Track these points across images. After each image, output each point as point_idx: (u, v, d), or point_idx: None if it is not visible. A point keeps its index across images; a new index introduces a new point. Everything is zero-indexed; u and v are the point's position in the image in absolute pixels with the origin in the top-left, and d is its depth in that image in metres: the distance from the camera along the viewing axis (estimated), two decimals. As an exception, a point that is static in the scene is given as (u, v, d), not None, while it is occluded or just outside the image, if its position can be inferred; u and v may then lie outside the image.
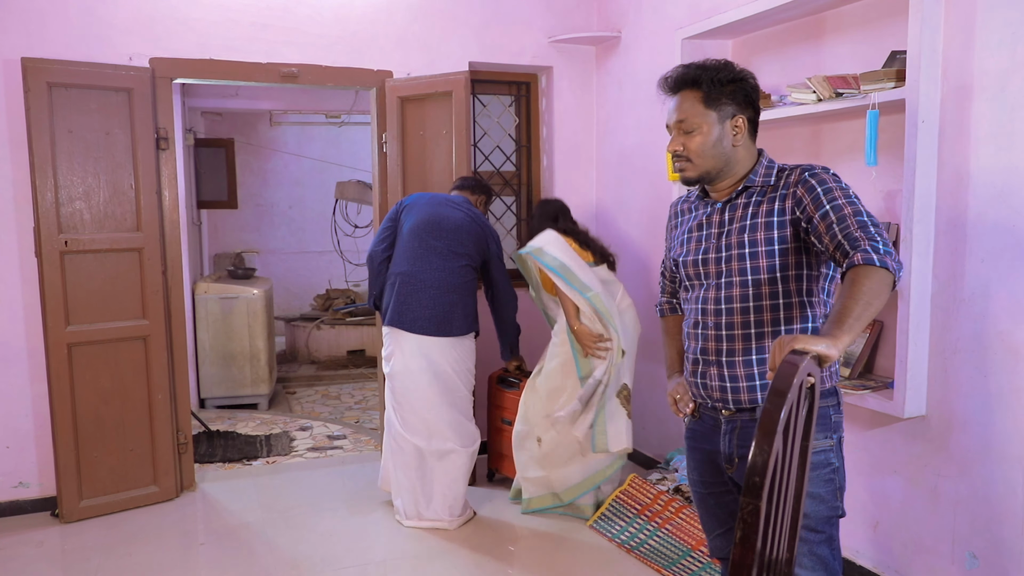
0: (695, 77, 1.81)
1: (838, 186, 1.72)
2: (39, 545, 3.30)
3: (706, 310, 1.89)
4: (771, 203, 1.79)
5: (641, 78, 3.97)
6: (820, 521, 1.81)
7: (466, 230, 3.36)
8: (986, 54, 2.29)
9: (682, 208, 2.04)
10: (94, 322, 3.49)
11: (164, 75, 3.61)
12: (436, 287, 3.29)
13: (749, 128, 1.84)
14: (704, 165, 1.83)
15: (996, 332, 2.30)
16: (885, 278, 1.56)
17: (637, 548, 3.16)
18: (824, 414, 1.80)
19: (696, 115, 1.80)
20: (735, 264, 1.83)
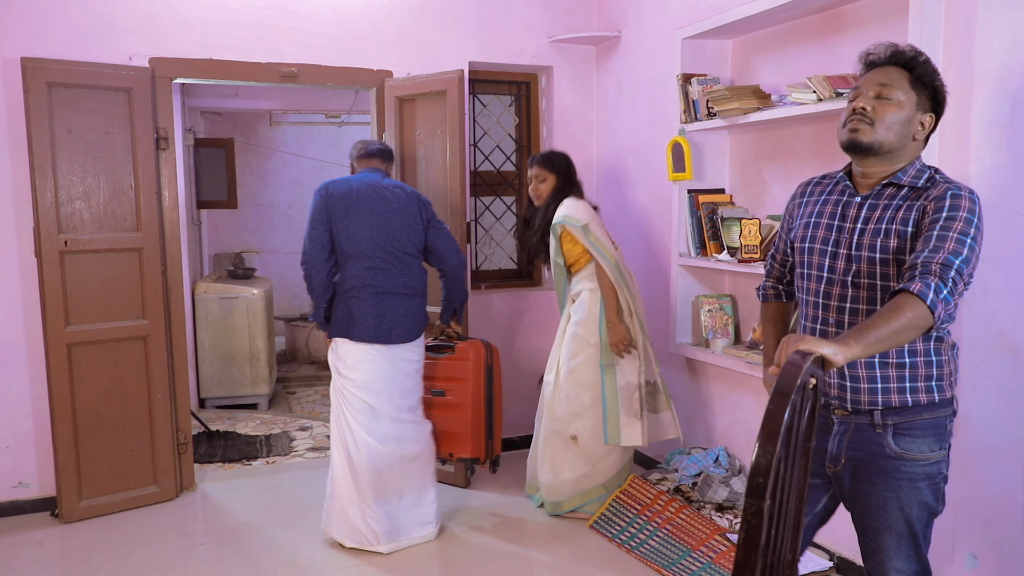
0: (911, 60, 1.77)
1: (966, 218, 1.65)
2: (39, 545, 3.30)
3: (829, 306, 1.85)
4: (908, 211, 1.74)
5: (641, 78, 3.97)
6: (923, 523, 1.82)
7: (410, 219, 3.17)
8: (986, 54, 2.29)
9: (812, 189, 1.97)
10: (94, 322, 3.49)
11: (164, 75, 3.60)
12: (405, 294, 3.15)
13: (928, 134, 1.81)
14: (884, 136, 1.75)
15: (997, 332, 2.30)
16: (924, 319, 1.53)
17: (637, 548, 3.16)
18: (940, 424, 1.80)
19: (902, 89, 1.75)
20: (865, 266, 1.78)
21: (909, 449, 1.78)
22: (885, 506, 1.81)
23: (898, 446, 1.78)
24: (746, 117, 3.08)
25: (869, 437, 1.81)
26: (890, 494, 1.80)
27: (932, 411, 1.79)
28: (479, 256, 4.51)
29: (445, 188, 3.78)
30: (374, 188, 3.15)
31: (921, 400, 1.78)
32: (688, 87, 3.41)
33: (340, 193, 3.11)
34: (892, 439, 1.79)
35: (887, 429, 1.79)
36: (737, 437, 3.49)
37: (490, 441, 3.45)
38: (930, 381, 1.78)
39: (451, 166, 3.73)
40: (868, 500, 1.83)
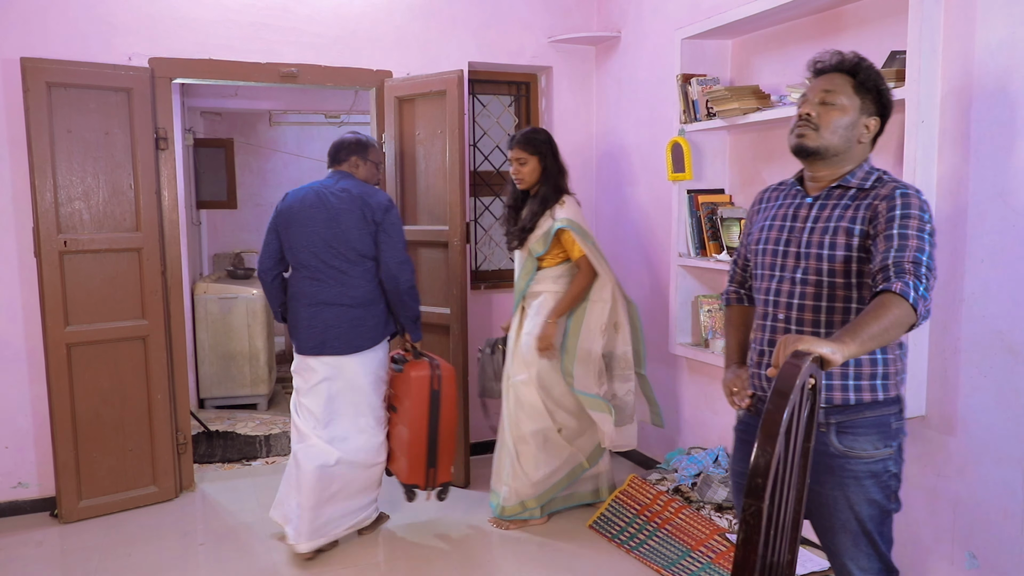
0: (854, 66, 1.84)
1: (919, 216, 1.71)
2: (38, 545, 3.30)
3: (778, 303, 1.90)
4: (856, 210, 1.80)
5: (641, 78, 3.97)
6: (874, 521, 1.85)
7: (351, 224, 3.04)
8: (986, 54, 2.29)
9: (769, 196, 2.05)
10: (93, 322, 3.49)
11: (163, 75, 3.60)
12: (342, 304, 3.06)
13: (874, 136, 1.88)
14: (829, 140, 1.83)
15: (996, 332, 2.30)
16: (910, 316, 1.57)
17: (637, 548, 3.16)
18: (884, 421, 1.83)
19: (845, 94, 1.82)
20: (812, 262, 1.84)
21: (852, 447, 1.82)
22: (835, 505, 1.85)
23: (841, 444, 1.82)
24: (746, 117, 3.08)
25: (816, 434, 1.83)
26: (838, 493, 1.83)
27: (875, 409, 1.82)
28: (479, 256, 4.51)
29: (444, 188, 3.78)
30: (320, 195, 3.09)
31: (864, 399, 1.81)
32: (688, 87, 3.41)
33: (289, 203, 3.14)
34: (836, 437, 1.82)
35: (831, 428, 1.83)
36: (737, 437, 3.49)
37: (432, 469, 3.23)
38: (874, 380, 1.82)
39: (451, 166, 3.73)
40: (819, 500, 1.86)
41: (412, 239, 3.93)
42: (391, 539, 3.37)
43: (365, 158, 3.21)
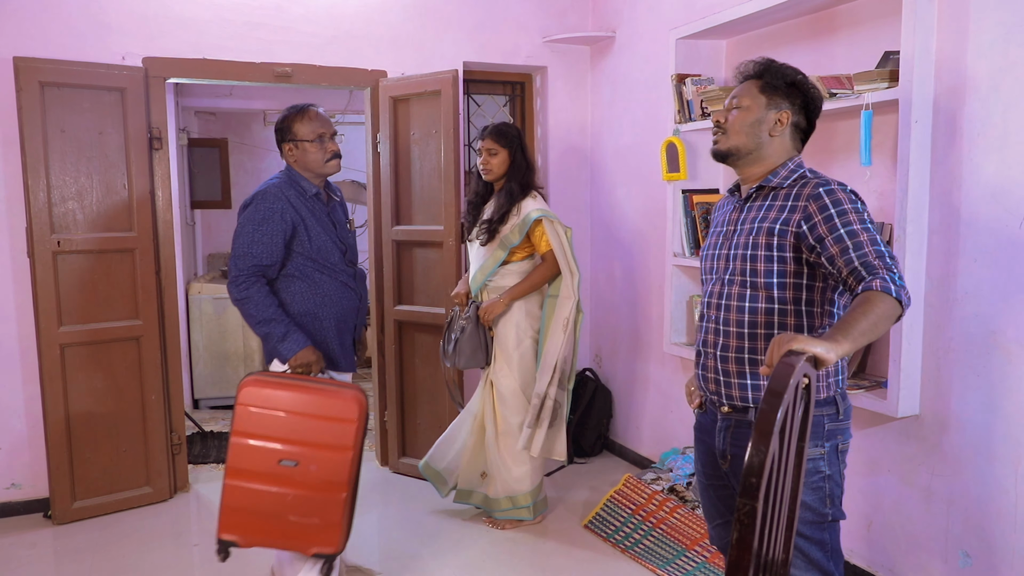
0: (763, 68, 1.91)
1: (854, 208, 1.74)
2: (31, 547, 3.29)
3: (710, 304, 1.96)
4: (780, 211, 1.83)
5: (635, 78, 3.97)
6: (809, 526, 1.83)
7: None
8: (978, 55, 2.30)
9: (719, 204, 2.11)
10: (87, 322, 3.48)
11: (157, 75, 3.59)
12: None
13: (793, 130, 1.90)
14: (735, 140, 1.89)
15: (989, 331, 2.31)
16: (896, 309, 1.59)
17: (632, 548, 3.16)
18: (817, 422, 1.82)
19: (748, 96, 1.89)
20: (738, 263, 1.89)
21: None
22: None
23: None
24: (740, 117, 3.08)
25: (745, 433, 1.87)
26: None
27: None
28: (474, 256, 4.51)
29: (439, 188, 3.78)
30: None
31: None
32: (682, 87, 3.41)
33: None
34: None
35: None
36: (731, 437, 3.49)
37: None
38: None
39: (445, 166, 3.72)
40: None
41: (407, 239, 3.92)
42: (382, 539, 3.37)
43: (292, 139, 2.69)
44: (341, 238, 2.74)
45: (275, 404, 2.30)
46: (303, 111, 2.72)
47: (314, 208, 2.68)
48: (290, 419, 2.30)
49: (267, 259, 2.56)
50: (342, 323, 2.73)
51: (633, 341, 4.15)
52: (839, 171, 2.84)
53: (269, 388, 2.32)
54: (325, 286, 2.67)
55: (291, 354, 2.54)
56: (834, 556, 1.87)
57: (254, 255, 2.55)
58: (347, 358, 2.77)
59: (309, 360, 2.55)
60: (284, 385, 2.33)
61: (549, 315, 3.35)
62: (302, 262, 2.64)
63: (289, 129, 2.71)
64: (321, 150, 2.68)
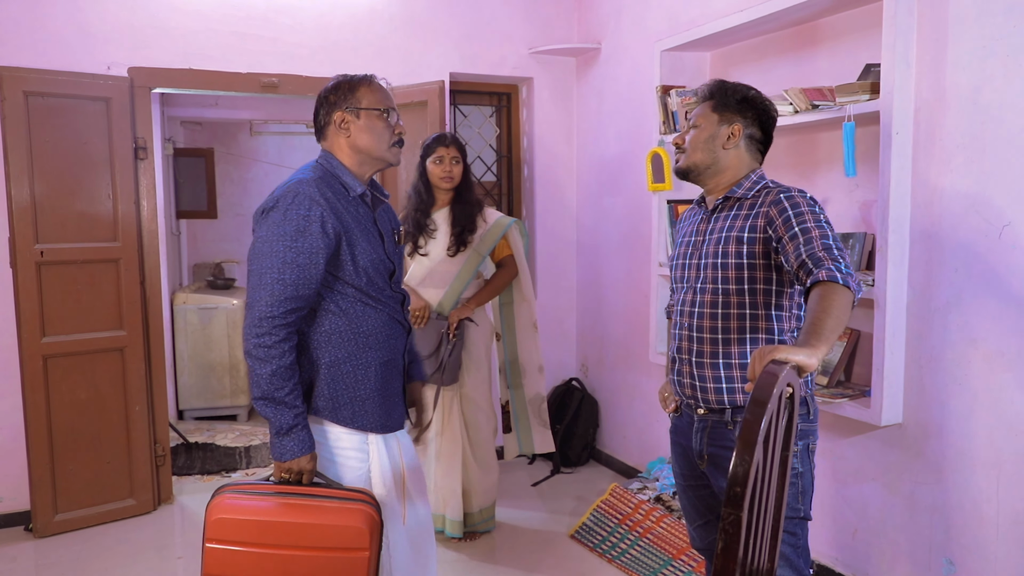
0: (714, 90, 2.03)
1: (810, 210, 1.82)
2: (12, 561, 3.25)
3: (683, 311, 2.04)
4: (746, 219, 1.92)
5: (621, 89, 4.00)
6: (786, 522, 1.87)
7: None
8: (958, 68, 2.33)
9: (685, 215, 2.21)
10: (70, 333, 3.45)
11: (143, 84, 3.58)
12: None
13: (747, 142, 2.00)
14: (692, 157, 2.01)
15: (970, 340, 2.34)
16: (848, 296, 1.64)
17: (618, 558, 3.16)
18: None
19: (703, 116, 2.02)
20: (709, 272, 1.97)
21: None
22: None
23: None
24: (724, 128, 3.11)
25: (722, 433, 1.96)
26: None
27: None
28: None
29: None
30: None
31: None
32: (667, 98, 3.44)
33: None
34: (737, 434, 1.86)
35: (736, 425, 1.92)
36: (717, 446, 3.51)
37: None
38: None
39: (432, 176, 3.72)
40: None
41: (393, 249, 3.92)
42: None
43: (355, 107, 1.96)
44: (389, 254, 2.02)
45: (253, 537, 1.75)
46: (369, 78, 2.00)
47: (358, 214, 1.96)
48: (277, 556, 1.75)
49: (305, 288, 1.85)
50: (389, 370, 2.02)
51: (619, 350, 4.17)
52: (823, 182, 2.87)
53: (246, 513, 1.77)
54: (369, 322, 1.97)
55: (289, 457, 1.84)
56: (803, 554, 1.95)
57: (288, 284, 1.82)
58: (396, 414, 2.06)
59: (304, 469, 1.86)
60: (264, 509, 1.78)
61: (510, 321, 3.44)
62: (342, 289, 1.93)
63: (352, 94, 1.96)
64: (388, 128, 1.98)
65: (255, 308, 1.82)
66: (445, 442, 3.32)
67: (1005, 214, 2.23)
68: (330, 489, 1.87)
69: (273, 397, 1.82)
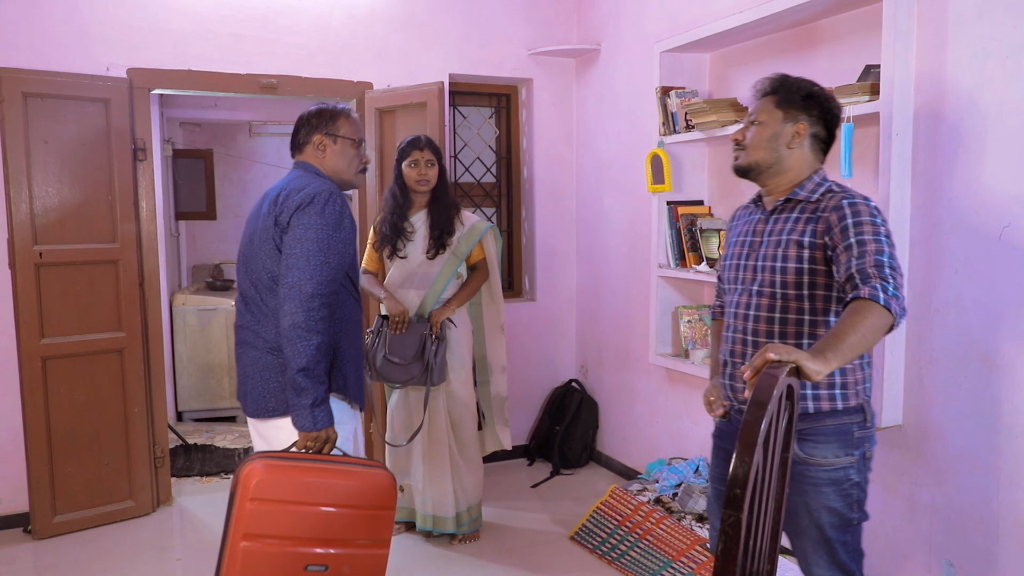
0: (779, 84, 1.94)
1: (871, 221, 1.75)
2: (11, 563, 3.24)
3: (737, 314, 1.98)
4: (807, 223, 1.86)
5: (620, 90, 4.00)
6: (835, 530, 1.87)
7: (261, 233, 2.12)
8: (958, 69, 2.33)
9: (739, 214, 2.13)
10: (69, 334, 3.44)
11: (142, 85, 3.58)
12: (254, 344, 2.14)
13: (812, 141, 1.93)
14: (754, 156, 1.93)
15: (970, 342, 2.34)
16: (884, 319, 1.59)
17: (618, 559, 3.15)
18: (846, 430, 1.86)
19: (765, 111, 1.93)
20: (766, 275, 1.91)
21: (812, 454, 1.86)
22: (796, 511, 1.88)
23: (802, 451, 1.86)
24: (724, 130, 3.11)
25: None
26: (798, 499, 1.87)
27: (836, 418, 1.86)
28: (460, 267, 4.51)
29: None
30: (263, 199, 2.22)
31: (823, 407, 1.86)
32: (667, 100, 3.44)
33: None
34: (797, 444, 1.85)
35: (794, 435, 1.84)
36: (717, 447, 3.50)
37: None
38: (832, 389, 1.86)
39: (431, 177, 3.72)
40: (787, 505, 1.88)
41: (393, 250, 3.92)
42: None
43: (333, 134, 2.22)
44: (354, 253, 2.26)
45: (296, 495, 1.85)
46: (348, 111, 2.28)
47: None
48: (316, 512, 1.86)
49: (340, 273, 2.08)
50: (358, 351, 2.22)
51: (619, 352, 4.16)
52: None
53: (286, 474, 1.86)
54: (349, 309, 2.17)
55: (322, 426, 1.98)
56: (855, 555, 1.92)
57: (332, 267, 2.02)
58: (361, 395, 2.23)
59: (331, 438, 2.01)
60: (303, 470, 1.89)
61: (479, 321, 3.48)
62: (341, 279, 2.12)
63: (333, 121, 2.22)
64: (358, 157, 2.29)
65: (305, 286, 1.99)
66: (432, 443, 3.32)
67: (1005, 215, 2.23)
68: (349, 457, 2.04)
69: (314, 370, 1.98)
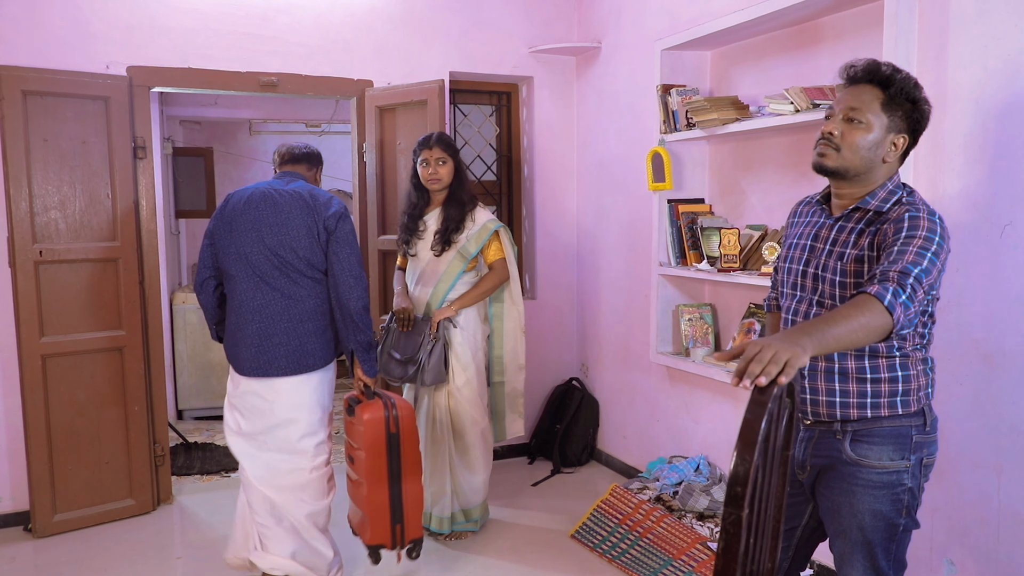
0: (887, 78, 1.75)
1: (925, 236, 1.65)
2: (11, 561, 3.24)
3: (795, 322, 1.89)
4: (872, 235, 1.75)
5: (621, 88, 3.99)
6: (878, 533, 1.79)
7: (297, 230, 2.65)
8: (959, 67, 2.33)
9: (802, 210, 2.01)
10: (69, 333, 3.44)
11: (142, 84, 3.58)
12: (288, 319, 2.67)
13: (903, 153, 1.80)
14: (850, 161, 1.76)
15: (971, 340, 2.33)
16: (883, 320, 1.53)
17: (619, 558, 3.15)
18: (903, 432, 1.78)
19: (871, 111, 1.74)
20: (827, 287, 1.82)
21: (866, 455, 1.78)
22: (839, 511, 1.82)
23: (854, 452, 1.79)
24: (724, 128, 3.11)
25: (830, 443, 1.84)
26: (844, 499, 1.81)
27: (894, 420, 1.78)
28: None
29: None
30: (267, 196, 2.69)
31: (882, 413, 1.78)
32: (667, 98, 3.43)
33: (231, 205, 2.74)
34: (849, 445, 1.80)
35: (846, 435, 1.81)
36: (718, 446, 3.50)
37: (398, 525, 2.79)
38: (894, 397, 1.78)
39: (432, 176, 3.72)
40: (827, 505, 1.86)
41: (393, 248, 3.91)
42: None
43: (315, 170, 2.98)
44: None
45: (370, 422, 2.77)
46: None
47: None
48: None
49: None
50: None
51: (619, 350, 4.16)
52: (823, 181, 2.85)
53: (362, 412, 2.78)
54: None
55: (374, 372, 2.80)
56: (897, 566, 1.84)
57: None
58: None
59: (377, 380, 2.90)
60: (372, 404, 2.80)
61: (498, 321, 3.45)
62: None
63: (322, 163, 3.06)
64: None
65: (364, 279, 2.72)
66: (431, 442, 3.33)
67: (1006, 214, 2.22)
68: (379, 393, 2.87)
69: (372, 337, 2.76)
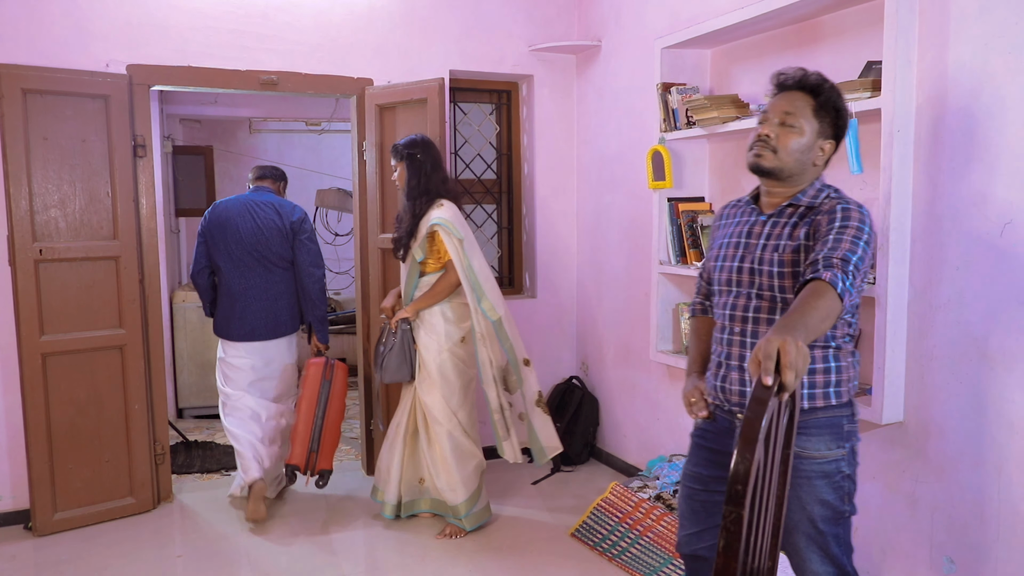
0: (816, 85, 1.87)
1: (857, 226, 1.77)
2: (11, 559, 3.24)
3: (734, 316, 1.97)
4: (803, 227, 1.87)
5: (621, 87, 3.99)
6: (827, 522, 1.89)
7: (273, 231, 3.70)
8: (959, 65, 2.32)
9: (729, 212, 2.11)
10: (69, 331, 3.44)
11: (142, 82, 3.58)
12: (264, 297, 3.72)
13: (828, 158, 1.93)
14: (785, 162, 1.88)
15: (972, 339, 2.33)
16: (837, 306, 1.62)
17: (619, 556, 3.15)
18: (836, 423, 1.89)
19: (804, 116, 1.86)
20: (764, 279, 1.91)
21: (805, 447, 1.87)
22: (789, 505, 1.86)
23: (795, 444, 1.84)
24: (725, 126, 3.10)
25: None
26: (791, 492, 1.87)
27: (828, 411, 1.88)
28: (460, 264, 4.51)
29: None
30: (245, 205, 3.71)
31: (818, 404, 1.88)
32: (668, 96, 3.43)
33: (220, 211, 3.71)
34: None
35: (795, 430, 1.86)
36: (717, 444, 3.50)
37: (313, 453, 3.65)
38: (827, 388, 1.89)
39: (432, 174, 3.71)
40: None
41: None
42: (368, 553, 3.35)
43: (280, 184, 3.97)
44: None
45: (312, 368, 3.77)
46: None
47: None
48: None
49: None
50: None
51: (620, 349, 4.16)
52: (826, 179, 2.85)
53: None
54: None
55: (326, 340, 3.88)
56: (846, 549, 1.93)
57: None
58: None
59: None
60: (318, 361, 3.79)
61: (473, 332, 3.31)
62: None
63: (286, 179, 4.06)
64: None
65: (321, 267, 3.82)
66: (409, 433, 3.44)
67: (1007, 212, 2.22)
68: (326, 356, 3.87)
69: (325, 312, 3.85)
